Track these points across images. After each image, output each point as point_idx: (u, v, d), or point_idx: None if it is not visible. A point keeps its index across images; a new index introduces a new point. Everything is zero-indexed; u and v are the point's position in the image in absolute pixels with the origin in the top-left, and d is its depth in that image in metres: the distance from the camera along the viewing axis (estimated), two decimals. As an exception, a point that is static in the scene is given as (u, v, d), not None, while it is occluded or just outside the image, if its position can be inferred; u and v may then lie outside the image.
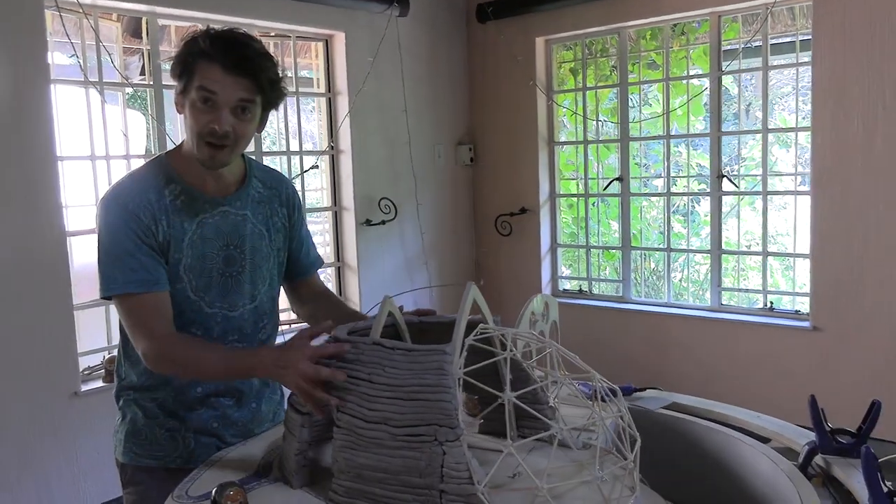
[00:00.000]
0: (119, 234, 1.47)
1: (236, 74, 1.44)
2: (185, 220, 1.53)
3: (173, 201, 1.53)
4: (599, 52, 4.69)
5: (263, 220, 1.64)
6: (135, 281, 1.47)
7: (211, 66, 1.43)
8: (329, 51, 4.28)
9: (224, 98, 1.44)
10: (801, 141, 4.03)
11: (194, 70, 1.44)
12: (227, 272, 1.59)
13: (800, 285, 4.13)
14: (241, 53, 1.45)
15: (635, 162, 4.65)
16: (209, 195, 1.56)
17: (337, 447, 1.24)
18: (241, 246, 1.60)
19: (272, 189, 1.68)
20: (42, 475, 3.15)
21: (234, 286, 1.60)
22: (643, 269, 5.02)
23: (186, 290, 1.55)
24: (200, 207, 1.55)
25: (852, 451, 1.43)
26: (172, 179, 1.54)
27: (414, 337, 1.49)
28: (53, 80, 3.13)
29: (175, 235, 1.52)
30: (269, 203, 1.66)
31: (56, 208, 3.12)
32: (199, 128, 1.45)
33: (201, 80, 1.43)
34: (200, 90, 1.43)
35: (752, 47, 4.03)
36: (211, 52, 1.43)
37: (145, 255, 1.48)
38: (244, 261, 1.61)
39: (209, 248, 1.56)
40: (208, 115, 1.44)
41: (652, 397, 1.85)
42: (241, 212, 1.60)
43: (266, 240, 1.64)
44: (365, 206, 4.34)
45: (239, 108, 1.46)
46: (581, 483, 1.22)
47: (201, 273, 1.56)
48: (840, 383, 3.66)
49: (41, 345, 3.10)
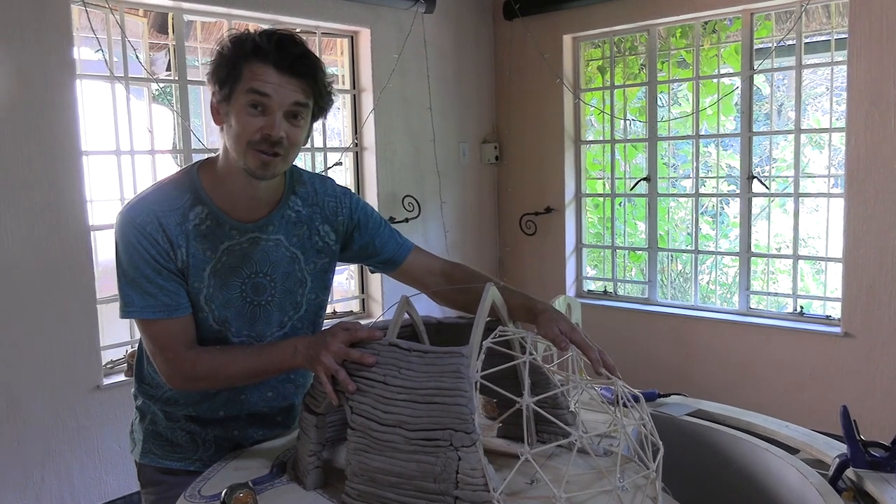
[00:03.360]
0: (135, 256, 1.37)
1: (291, 75, 1.32)
2: (207, 248, 1.41)
3: (197, 226, 1.40)
4: (628, 49, 4.62)
5: (299, 243, 1.51)
6: (153, 306, 1.38)
7: (263, 66, 1.31)
8: (354, 47, 4.27)
9: (278, 101, 1.32)
10: (835, 142, 3.94)
11: (241, 72, 1.32)
12: (255, 301, 1.48)
13: (831, 290, 4.04)
14: (296, 52, 1.33)
15: (663, 162, 4.59)
16: (238, 220, 1.43)
17: (351, 449, 1.22)
18: (272, 273, 1.48)
19: (314, 207, 1.52)
20: (64, 468, 3.17)
21: (262, 315, 1.49)
22: (670, 270, 4.94)
23: (209, 320, 1.45)
24: (227, 234, 1.43)
25: (886, 465, 1.38)
26: (201, 200, 1.41)
27: (431, 338, 1.47)
28: (79, 74, 3.15)
29: (195, 264, 1.41)
30: (310, 223, 1.52)
31: (80, 203, 3.14)
32: (250, 134, 1.32)
33: (252, 81, 1.31)
34: (251, 93, 1.31)
35: (786, 46, 3.94)
36: (265, 49, 1.31)
37: (164, 280, 1.38)
38: (274, 289, 1.49)
39: (235, 278, 1.45)
40: (259, 121, 1.32)
41: (677, 404, 1.80)
42: (274, 236, 1.47)
43: (300, 263, 1.51)
44: (389, 204, 4.32)
45: (292, 113, 1.34)
46: (601, 492, 1.19)
47: (225, 303, 1.45)
48: (873, 393, 3.57)
49: (64, 339, 3.13)
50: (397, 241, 1.64)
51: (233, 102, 1.34)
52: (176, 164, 3.63)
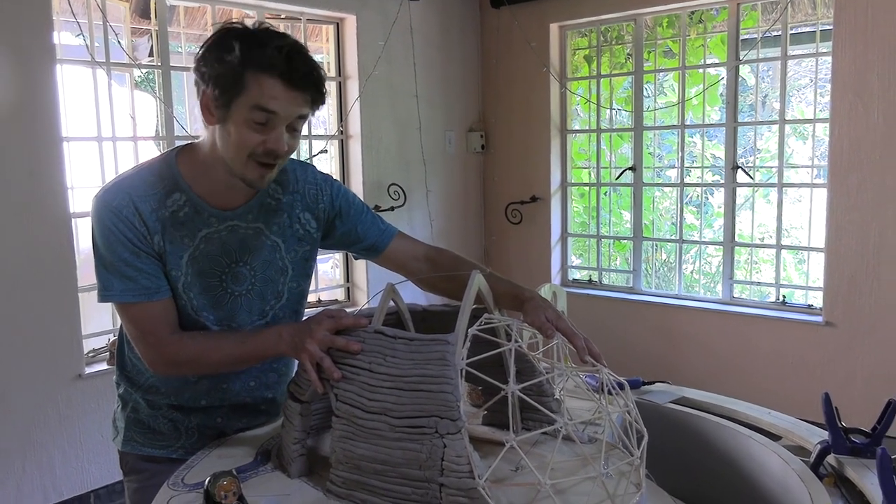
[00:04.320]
0: (113, 240, 1.34)
1: (298, 89, 1.27)
2: (185, 236, 1.38)
3: (175, 213, 1.37)
4: (615, 39, 4.62)
5: (279, 231, 1.48)
6: (133, 290, 1.35)
7: (271, 79, 1.25)
8: (340, 34, 4.24)
9: (284, 115, 1.28)
10: (819, 133, 3.96)
11: (246, 83, 1.25)
12: (235, 290, 1.45)
13: (813, 279, 4.07)
14: (306, 67, 1.28)
15: (649, 151, 4.59)
16: (217, 208, 1.40)
17: (335, 437, 1.22)
18: (252, 262, 1.46)
19: (294, 194, 1.50)
20: (46, 458, 3.15)
21: (243, 304, 1.47)
22: (654, 260, 4.97)
23: (187, 308, 1.42)
24: (205, 222, 1.40)
25: (866, 451, 1.39)
26: (178, 187, 1.38)
27: (417, 326, 1.46)
28: (60, 60, 3.11)
29: (172, 251, 1.38)
30: (290, 210, 1.49)
31: (61, 190, 3.10)
32: (251, 148, 1.29)
33: (260, 98, 1.25)
34: (257, 110, 1.26)
35: (771, 37, 3.95)
36: (275, 64, 1.25)
37: (143, 262, 1.35)
38: (254, 277, 1.47)
39: (214, 266, 1.42)
40: (262, 134, 1.29)
41: (661, 391, 1.81)
42: (254, 224, 1.45)
43: (281, 252, 1.49)
44: (374, 192, 4.31)
45: (293, 125, 1.32)
46: (585, 479, 1.19)
47: (204, 291, 1.42)
48: (853, 381, 3.61)
49: (45, 327, 3.10)
50: (379, 228, 1.63)
51: (233, 111, 1.28)
52: (159, 150, 3.59)
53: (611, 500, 1.12)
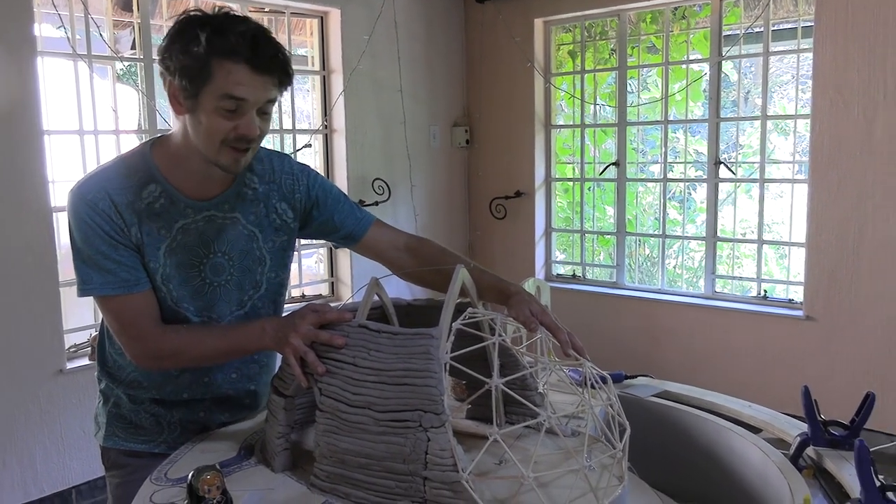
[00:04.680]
0: (90, 233, 1.34)
1: (265, 73, 1.28)
2: (161, 227, 1.38)
3: (150, 205, 1.37)
4: (599, 34, 4.63)
5: (256, 221, 1.48)
6: (112, 282, 1.35)
7: (237, 66, 1.25)
8: (324, 28, 4.21)
9: (253, 101, 1.29)
10: (800, 129, 3.99)
11: (212, 72, 1.25)
12: (213, 281, 1.45)
13: (794, 274, 4.11)
14: (271, 51, 1.28)
15: (632, 147, 4.61)
16: (193, 199, 1.41)
17: (320, 431, 1.22)
18: (230, 252, 1.46)
19: (270, 184, 1.50)
20: (27, 454, 3.12)
21: (222, 294, 1.47)
22: (637, 255, 4.99)
23: (167, 300, 1.42)
24: (181, 213, 1.40)
25: (845, 443, 1.41)
26: (153, 179, 1.38)
27: (401, 320, 1.46)
28: (40, 52, 3.07)
29: (149, 243, 1.38)
30: (266, 200, 1.49)
31: (42, 183, 3.06)
32: (223, 134, 1.30)
33: (227, 86, 1.26)
34: (226, 98, 1.27)
35: (754, 33, 3.98)
36: (239, 50, 1.24)
37: (121, 255, 1.35)
38: (232, 268, 1.47)
39: (192, 257, 1.42)
40: (233, 121, 1.29)
41: (643, 385, 1.83)
42: (230, 214, 1.45)
43: (259, 242, 1.49)
44: (358, 187, 4.30)
45: (264, 109, 1.33)
46: (568, 471, 1.20)
47: (182, 282, 1.42)
48: (833, 374, 3.66)
49: (26, 322, 3.07)
50: (356, 216, 1.62)
51: (202, 100, 1.28)
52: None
53: (593, 492, 1.13)
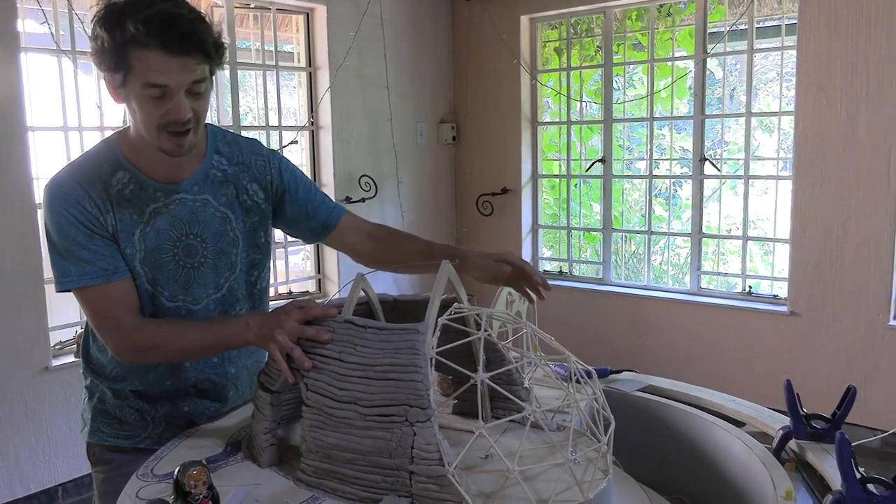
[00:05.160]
0: (66, 225, 1.34)
1: (183, 54, 1.24)
2: (134, 213, 1.39)
3: (120, 191, 1.38)
4: (585, 31, 4.65)
5: (228, 203, 1.49)
6: (90, 272, 1.35)
7: (150, 53, 1.22)
8: (310, 24, 4.20)
9: (176, 85, 1.26)
10: (784, 126, 4.02)
11: (130, 62, 1.23)
12: (187, 263, 1.46)
13: (778, 270, 4.14)
14: (181, 30, 1.24)
15: (618, 144, 4.63)
16: (162, 183, 1.41)
17: (306, 426, 1.22)
18: (202, 234, 1.47)
19: (240, 165, 1.51)
20: (13, 452, 3.10)
21: (197, 277, 1.48)
22: (624, 251, 5.02)
23: (144, 284, 1.43)
24: (151, 197, 1.41)
25: (826, 436, 1.42)
26: (121, 166, 1.39)
27: (387, 315, 1.46)
28: (24, 48, 3.05)
29: (123, 229, 1.39)
30: (237, 182, 1.50)
31: (26, 180, 3.05)
32: (156, 120, 1.29)
33: (144, 75, 1.24)
34: (149, 86, 1.25)
35: (738, 30, 4.00)
36: (150, 36, 1.21)
37: (97, 245, 1.36)
38: (206, 250, 1.47)
39: (164, 240, 1.43)
40: (162, 106, 1.28)
41: (628, 380, 1.84)
42: (200, 196, 1.46)
43: (231, 223, 1.50)
44: (345, 184, 4.29)
45: (193, 90, 1.30)
46: (553, 465, 1.21)
47: (158, 266, 1.43)
48: (816, 368, 3.69)
49: (10, 320, 3.05)
50: (329, 205, 1.65)
51: (129, 89, 1.28)
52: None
53: (578, 486, 1.14)
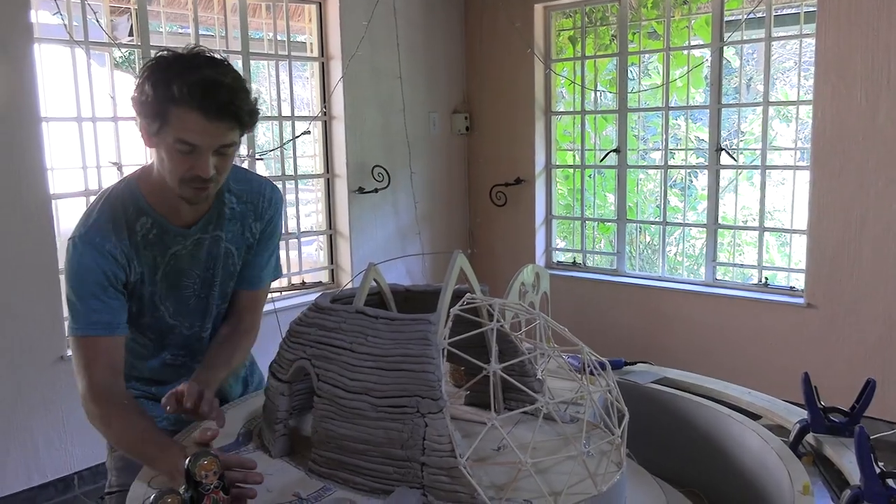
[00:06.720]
0: (88, 274, 1.41)
1: (218, 121, 1.32)
2: (157, 255, 1.48)
3: (144, 236, 1.46)
4: (599, 20, 4.60)
5: (234, 239, 1.57)
6: (94, 322, 1.41)
7: (189, 114, 1.30)
8: (322, 14, 4.19)
9: (206, 146, 1.34)
10: (802, 115, 3.97)
11: (168, 117, 1.32)
12: (201, 294, 1.57)
13: (795, 262, 4.10)
14: (222, 100, 1.32)
15: (633, 134, 4.59)
16: (182, 226, 1.49)
17: (317, 417, 1.22)
18: (215, 268, 1.57)
19: (247, 203, 1.58)
20: (30, 441, 3.13)
21: (211, 307, 1.60)
22: (638, 242, 4.98)
23: (165, 317, 1.54)
24: (172, 240, 1.49)
25: (844, 430, 1.40)
26: (143, 211, 1.46)
27: (399, 306, 1.46)
28: (37, 39, 3.06)
29: (147, 272, 1.48)
30: (243, 219, 1.58)
31: (41, 170, 3.06)
32: (181, 172, 1.36)
33: (180, 131, 1.32)
34: (180, 142, 1.32)
35: (756, 18, 3.95)
36: (191, 99, 1.30)
37: (111, 297, 1.43)
38: (215, 283, 1.58)
39: (185, 279, 1.53)
40: (189, 160, 1.35)
41: (642, 371, 1.82)
42: (215, 233, 1.54)
43: (233, 258, 1.59)
44: (358, 174, 4.28)
45: (221, 151, 1.37)
46: (566, 457, 1.20)
47: (179, 301, 1.54)
48: (833, 361, 3.65)
49: (25, 310, 3.06)
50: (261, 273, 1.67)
51: (161, 139, 1.35)
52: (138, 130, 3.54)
53: (592, 478, 1.13)
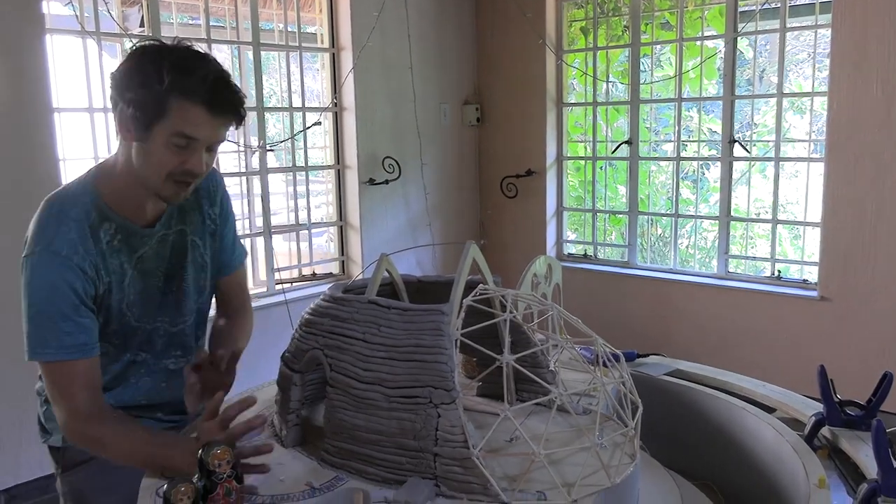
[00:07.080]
0: (56, 290, 1.31)
1: (221, 115, 1.30)
2: (124, 261, 1.40)
3: (109, 243, 1.38)
4: (611, 10, 4.57)
5: (196, 231, 1.52)
6: (69, 346, 1.31)
7: (194, 106, 1.26)
8: (333, 5, 4.18)
9: (204, 141, 1.31)
10: (817, 107, 3.93)
11: (168, 109, 1.26)
12: (167, 289, 1.49)
13: (809, 254, 4.07)
14: (229, 97, 1.30)
15: (645, 125, 4.56)
16: (145, 227, 1.43)
17: (330, 407, 1.21)
18: (183, 262, 1.51)
19: (200, 190, 1.51)
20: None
21: (182, 300, 1.52)
22: (650, 234, 4.95)
23: (130, 322, 1.44)
24: (138, 242, 1.42)
25: (861, 423, 1.39)
26: (105, 216, 1.38)
27: (411, 296, 1.45)
28: (49, 29, 3.06)
29: (115, 280, 1.39)
30: (200, 208, 1.53)
31: (53, 161, 3.07)
32: (171, 168, 1.31)
33: (180, 125, 1.27)
34: (179, 136, 1.28)
35: (770, 8, 3.91)
36: (200, 92, 1.26)
37: (82, 316, 1.34)
38: (185, 275, 1.51)
39: (150, 279, 1.46)
40: (182, 156, 1.30)
41: (655, 363, 1.81)
42: (178, 227, 1.49)
43: (200, 249, 1.54)
44: (368, 165, 4.28)
45: (212, 147, 1.35)
46: (580, 449, 1.19)
47: (144, 301, 1.45)
48: (848, 354, 3.62)
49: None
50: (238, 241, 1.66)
51: (153, 133, 1.28)
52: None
53: (605, 470, 1.12)
